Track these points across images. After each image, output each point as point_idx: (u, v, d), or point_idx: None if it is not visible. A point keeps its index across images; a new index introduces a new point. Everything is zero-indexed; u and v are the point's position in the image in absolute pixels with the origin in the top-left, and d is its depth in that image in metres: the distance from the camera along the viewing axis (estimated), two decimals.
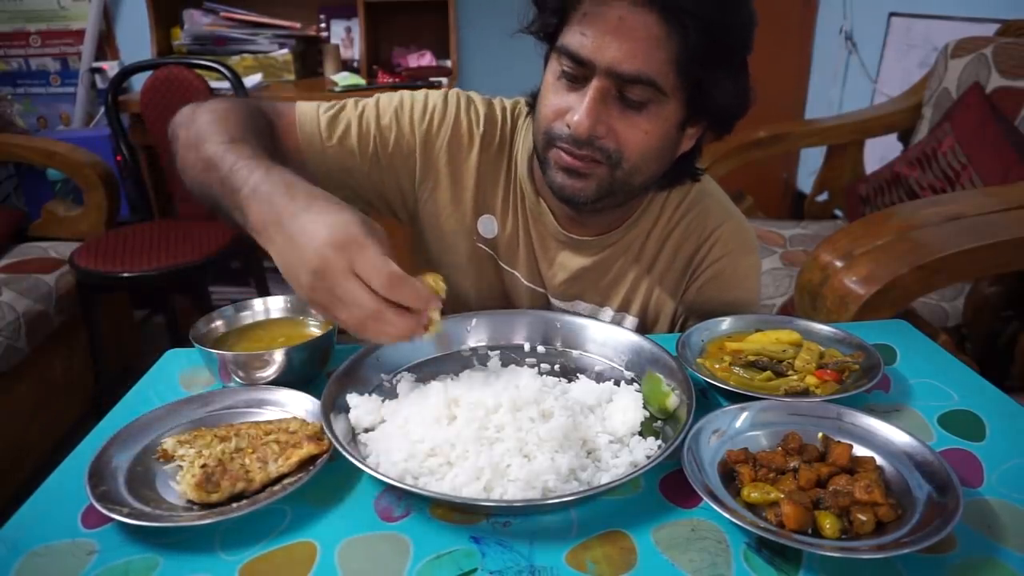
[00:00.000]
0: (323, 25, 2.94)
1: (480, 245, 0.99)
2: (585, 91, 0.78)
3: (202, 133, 0.79)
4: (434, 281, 0.70)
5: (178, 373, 0.85)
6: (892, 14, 2.68)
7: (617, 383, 0.78)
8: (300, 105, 0.93)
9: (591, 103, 0.77)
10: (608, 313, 1.00)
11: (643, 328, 1.01)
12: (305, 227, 0.63)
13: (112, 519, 0.58)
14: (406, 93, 0.97)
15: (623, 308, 1.00)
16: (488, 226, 0.98)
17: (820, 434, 0.67)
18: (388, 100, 0.95)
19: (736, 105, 0.82)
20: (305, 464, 0.65)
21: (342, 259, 0.61)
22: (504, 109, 0.98)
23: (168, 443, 0.68)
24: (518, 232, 0.98)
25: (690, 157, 0.90)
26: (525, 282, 1.00)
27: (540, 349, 0.88)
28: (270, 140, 0.86)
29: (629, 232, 0.96)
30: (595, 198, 0.84)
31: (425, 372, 0.82)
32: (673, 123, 0.81)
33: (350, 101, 0.95)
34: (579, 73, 0.78)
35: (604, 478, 0.64)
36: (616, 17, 0.74)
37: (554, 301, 1.01)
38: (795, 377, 0.78)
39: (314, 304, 0.65)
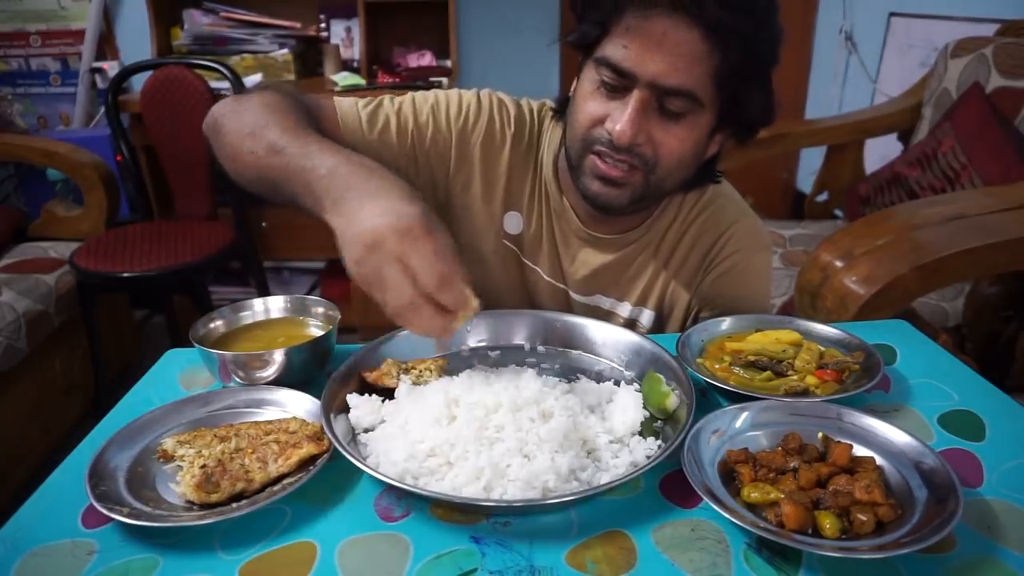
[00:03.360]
0: (323, 25, 2.94)
1: (505, 241, 1.02)
2: (625, 100, 0.80)
3: (260, 121, 0.80)
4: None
5: (178, 373, 0.85)
6: (892, 14, 2.68)
7: (617, 383, 0.78)
8: (339, 100, 0.96)
9: (633, 113, 0.79)
10: (626, 307, 1.03)
11: (659, 321, 1.03)
12: (373, 207, 0.65)
13: (112, 519, 0.59)
14: (440, 92, 1.00)
15: (640, 303, 1.02)
16: (513, 223, 1.01)
17: (820, 434, 0.67)
18: (423, 98, 0.98)
19: (764, 115, 0.86)
20: (305, 464, 0.65)
21: (397, 245, 0.63)
22: (531, 110, 1.01)
23: (168, 443, 0.68)
24: (542, 229, 1.01)
25: (712, 161, 0.93)
26: (547, 278, 1.03)
27: (540, 349, 0.88)
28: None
29: (649, 230, 0.99)
30: (628, 204, 0.87)
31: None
32: (705, 131, 0.85)
33: (385, 97, 0.98)
34: (619, 84, 0.80)
35: (604, 478, 0.64)
36: (660, 32, 0.76)
37: (574, 296, 1.03)
38: (795, 377, 0.78)
39: (358, 279, 0.66)
